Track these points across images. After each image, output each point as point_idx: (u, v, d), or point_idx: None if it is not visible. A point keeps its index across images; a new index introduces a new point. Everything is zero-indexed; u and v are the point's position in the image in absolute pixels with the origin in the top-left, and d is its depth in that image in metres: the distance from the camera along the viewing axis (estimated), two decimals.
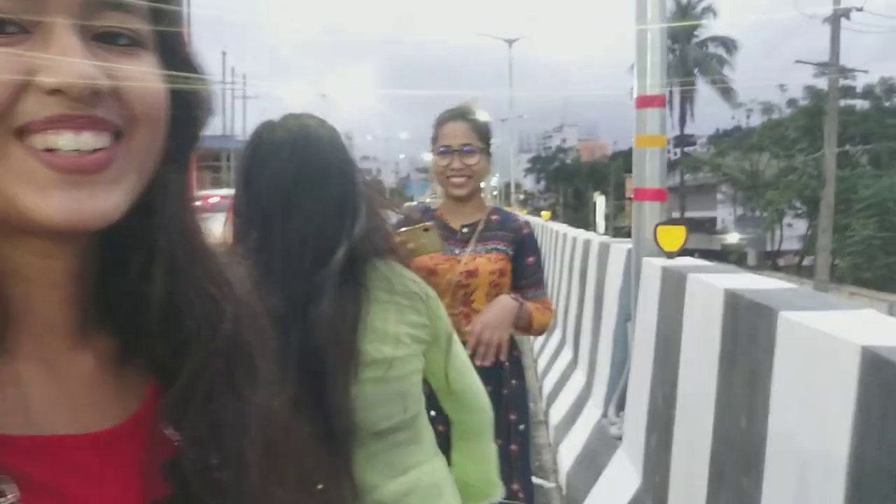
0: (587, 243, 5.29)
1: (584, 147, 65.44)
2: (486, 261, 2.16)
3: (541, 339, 7.00)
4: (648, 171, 3.49)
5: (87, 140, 0.44)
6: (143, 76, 0.47)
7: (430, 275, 1.98)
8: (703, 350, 2.23)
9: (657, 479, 2.69)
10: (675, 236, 3.14)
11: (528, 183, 67.44)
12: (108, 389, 0.51)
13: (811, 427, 1.50)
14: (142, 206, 0.49)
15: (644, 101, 3.45)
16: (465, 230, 2.22)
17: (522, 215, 2.11)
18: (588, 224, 32.53)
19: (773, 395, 1.69)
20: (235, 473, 0.51)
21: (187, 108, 0.51)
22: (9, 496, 0.42)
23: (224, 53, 41.15)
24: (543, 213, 24.71)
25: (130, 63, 0.46)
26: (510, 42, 33.49)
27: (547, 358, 6.17)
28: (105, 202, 0.45)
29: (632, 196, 3.65)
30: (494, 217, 2.25)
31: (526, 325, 2.18)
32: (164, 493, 0.49)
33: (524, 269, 2.22)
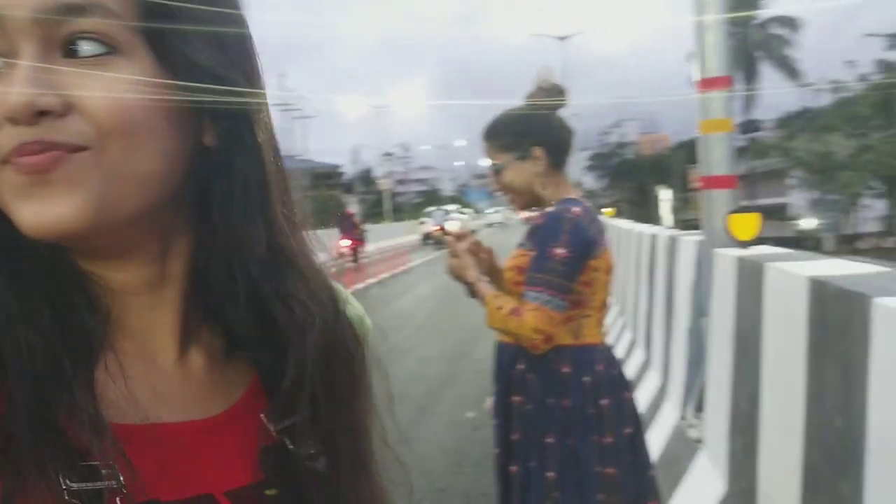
0: (654, 238, 5.10)
1: (644, 140, 64.14)
2: (510, 259, 2.00)
3: (610, 338, 6.82)
4: (715, 157, 3.32)
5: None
6: (106, 88, 0.46)
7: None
8: (788, 344, 2.06)
9: (744, 484, 2.52)
10: (748, 224, 2.97)
11: (590, 181, 66.57)
12: (211, 381, 0.54)
13: None
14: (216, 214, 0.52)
15: (707, 84, 3.28)
16: None
17: (561, 205, 1.89)
18: (653, 219, 31.83)
19: (871, 390, 1.53)
20: (329, 465, 0.54)
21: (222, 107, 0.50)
22: (112, 482, 0.44)
23: (281, 76, 41.83)
24: (606, 210, 24.27)
25: (95, 75, 0.45)
26: (562, 39, 33.11)
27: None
28: (63, 208, 0.45)
29: (699, 185, 3.47)
30: (545, 211, 1.99)
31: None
32: (260, 478, 0.52)
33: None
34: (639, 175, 50.91)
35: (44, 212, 0.45)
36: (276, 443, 0.53)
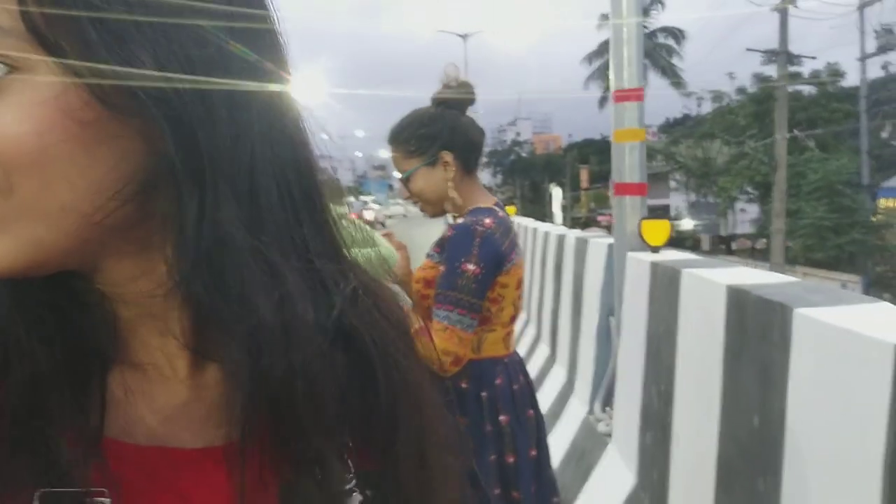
0: (561, 238, 5.27)
1: (538, 140, 65.86)
2: (419, 269, 1.88)
3: (516, 331, 6.98)
4: (628, 166, 3.47)
5: None
6: (2, 118, 0.40)
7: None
8: (705, 347, 2.20)
9: (655, 476, 2.66)
10: (659, 230, 3.13)
11: (486, 177, 67.65)
12: (227, 404, 0.49)
13: (839, 427, 1.48)
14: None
15: (622, 96, 3.42)
16: None
17: (473, 216, 1.80)
18: (545, 215, 32.71)
19: (790, 394, 1.66)
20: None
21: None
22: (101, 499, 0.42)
23: None
24: (508, 207, 24.73)
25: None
26: (464, 37, 33.46)
27: (523, 352, 6.14)
28: None
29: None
30: (455, 223, 1.89)
31: None
32: None
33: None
34: (532, 173, 52.18)
35: None
36: (300, 476, 0.48)
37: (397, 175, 1.96)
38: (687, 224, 39.66)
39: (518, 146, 61.18)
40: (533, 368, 5.51)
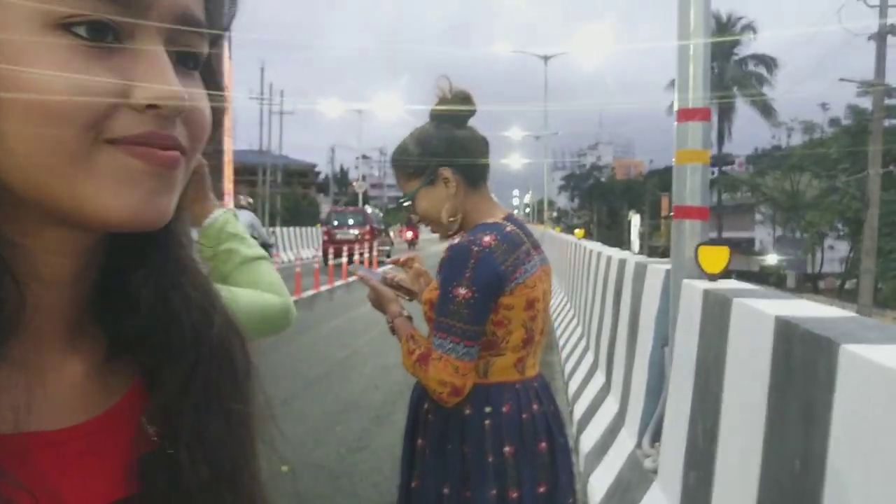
0: (622, 263, 5.10)
1: (618, 165, 64.86)
2: (427, 291, 1.79)
3: (573, 359, 6.81)
4: (689, 188, 3.31)
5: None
6: (204, 103, 0.49)
7: None
8: (750, 382, 2.04)
9: None
10: (717, 257, 2.96)
11: (562, 200, 66.96)
12: (93, 385, 0.52)
13: (880, 474, 1.32)
14: None
15: (686, 115, 3.27)
16: None
17: (472, 234, 1.71)
18: (622, 243, 32.08)
19: (832, 436, 1.51)
20: (208, 476, 0.52)
21: None
22: None
23: (262, 69, 41.78)
24: (577, 231, 24.42)
25: (196, 87, 0.48)
26: (546, 59, 33.39)
27: (578, 381, 5.97)
28: (166, 204, 0.47)
29: (670, 214, 3.46)
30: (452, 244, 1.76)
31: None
32: (138, 489, 0.50)
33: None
34: (611, 198, 51.42)
35: (153, 204, 0.46)
36: (157, 449, 0.51)
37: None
38: (772, 259, 38.20)
39: (598, 170, 60.47)
40: (587, 398, 5.33)
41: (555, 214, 61.00)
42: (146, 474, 0.50)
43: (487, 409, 1.68)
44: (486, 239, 1.65)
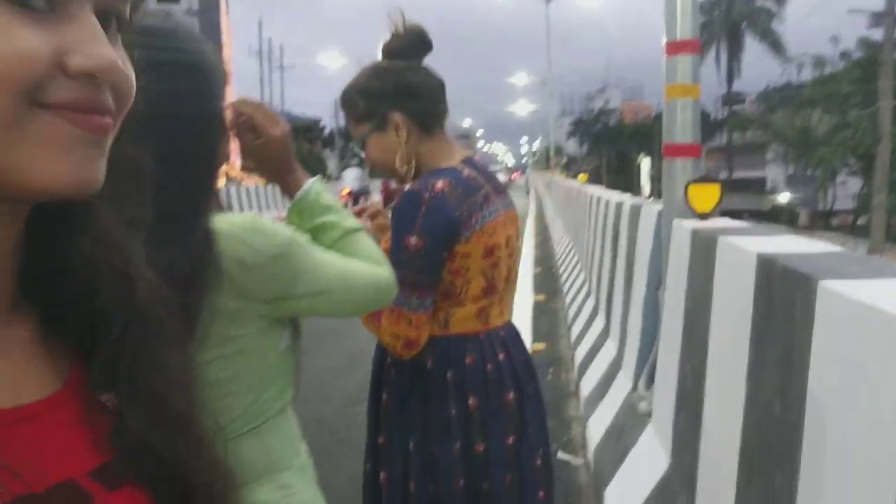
0: (619, 206, 5.00)
1: (627, 108, 63.83)
2: (383, 242, 1.67)
3: (576, 305, 6.76)
4: (680, 125, 3.18)
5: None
6: (129, 66, 0.48)
7: None
8: (735, 322, 1.97)
9: (687, 460, 2.45)
10: (708, 195, 2.85)
11: (572, 146, 66.26)
12: (41, 361, 0.51)
13: (860, 418, 1.25)
14: None
15: (674, 48, 3.13)
16: None
17: (424, 181, 1.59)
18: (632, 187, 31.78)
19: (811, 379, 1.44)
20: (166, 434, 0.52)
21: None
22: None
23: (260, 24, 41.26)
24: (580, 175, 24.15)
25: (119, 49, 0.47)
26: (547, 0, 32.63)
27: (580, 326, 5.93)
28: (98, 170, 0.46)
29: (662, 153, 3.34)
30: (402, 190, 1.67)
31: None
32: (107, 459, 0.50)
33: None
34: (620, 143, 50.79)
35: (87, 170, 0.45)
36: (116, 414, 0.51)
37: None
38: (783, 197, 37.83)
39: (605, 115, 59.67)
40: (587, 342, 5.30)
41: (564, 161, 60.39)
42: (113, 439, 0.51)
43: (450, 363, 1.61)
44: (439, 185, 1.56)
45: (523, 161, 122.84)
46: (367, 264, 1.20)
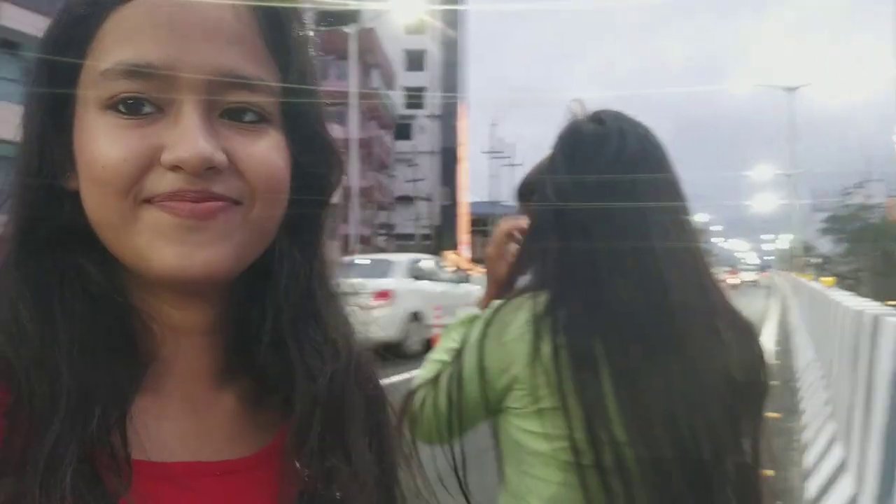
0: (858, 315, 4.29)
1: (893, 204, 57.15)
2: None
3: (813, 427, 5.87)
4: None
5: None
6: (263, 153, 0.51)
7: None
8: None
9: None
10: None
11: (825, 245, 60.56)
12: (244, 425, 0.56)
13: None
14: (262, 269, 0.55)
15: None
16: None
17: None
18: None
19: None
20: None
21: (312, 180, 0.56)
22: None
23: (493, 125, 43.57)
24: (824, 279, 21.68)
25: (253, 140, 0.51)
26: (791, 90, 30.76)
27: (816, 453, 5.09)
28: (212, 255, 0.49)
29: None
30: None
31: None
32: None
33: None
34: (885, 242, 45.47)
35: (194, 255, 0.49)
36: (308, 488, 0.54)
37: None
38: None
39: (866, 210, 54.01)
40: (821, 475, 4.51)
41: (815, 261, 55.24)
42: None
43: None
44: None
45: (768, 258, 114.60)
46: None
